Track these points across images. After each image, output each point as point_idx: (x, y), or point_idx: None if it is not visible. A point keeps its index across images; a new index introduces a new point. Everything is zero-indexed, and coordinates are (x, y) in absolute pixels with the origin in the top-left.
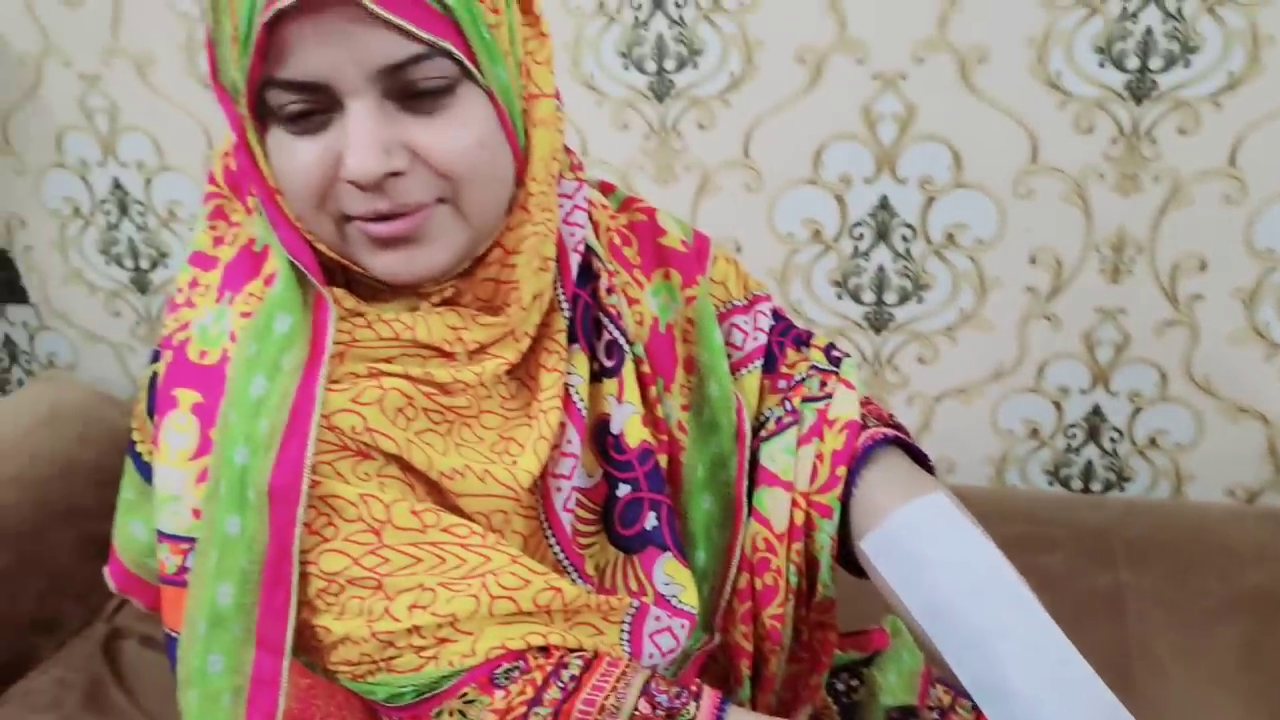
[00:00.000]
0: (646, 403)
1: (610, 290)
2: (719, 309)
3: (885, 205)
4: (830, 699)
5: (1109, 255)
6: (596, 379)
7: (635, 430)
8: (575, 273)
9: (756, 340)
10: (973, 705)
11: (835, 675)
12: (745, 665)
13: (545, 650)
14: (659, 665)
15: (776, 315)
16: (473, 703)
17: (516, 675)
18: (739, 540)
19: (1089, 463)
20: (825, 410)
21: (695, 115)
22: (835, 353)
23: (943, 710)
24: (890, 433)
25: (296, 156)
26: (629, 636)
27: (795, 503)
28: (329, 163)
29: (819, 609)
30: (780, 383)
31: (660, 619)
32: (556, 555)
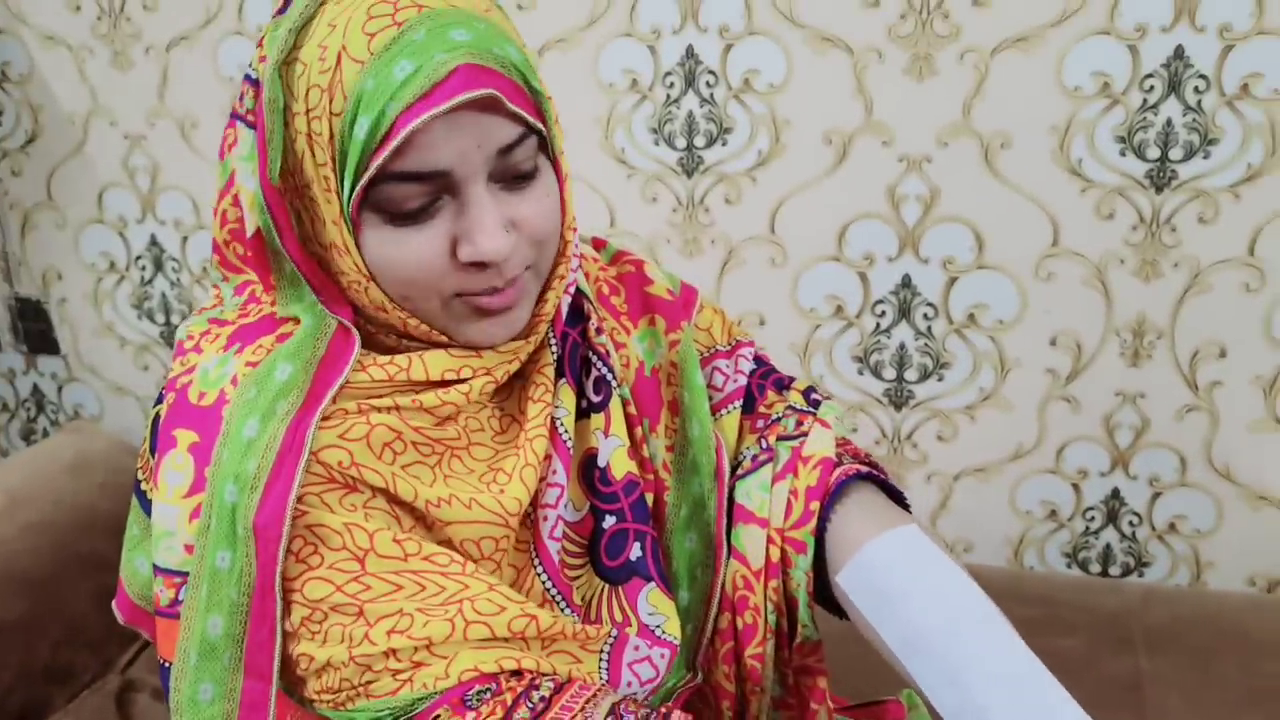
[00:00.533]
0: (633, 442)
1: (599, 330)
2: (703, 353)
3: (908, 284)
4: None
5: (1129, 339)
6: (584, 415)
7: (621, 462)
8: (565, 313)
9: (737, 382)
10: None
11: None
12: (728, 707)
13: (518, 674)
14: (638, 695)
15: (758, 360)
16: None
17: (488, 697)
18: (720, 579)
19: (1107, 546)
20: (800, 448)
21: (723, 190)
22: (815, 395)
23: None
24: (864, 469)
25: (413, 246)
26: (607, 665)
27: (770, 539)
28: (446, 247)
29: (801, 651)
30: (758, 422)
31: (640, 649)
32: (545, 584)
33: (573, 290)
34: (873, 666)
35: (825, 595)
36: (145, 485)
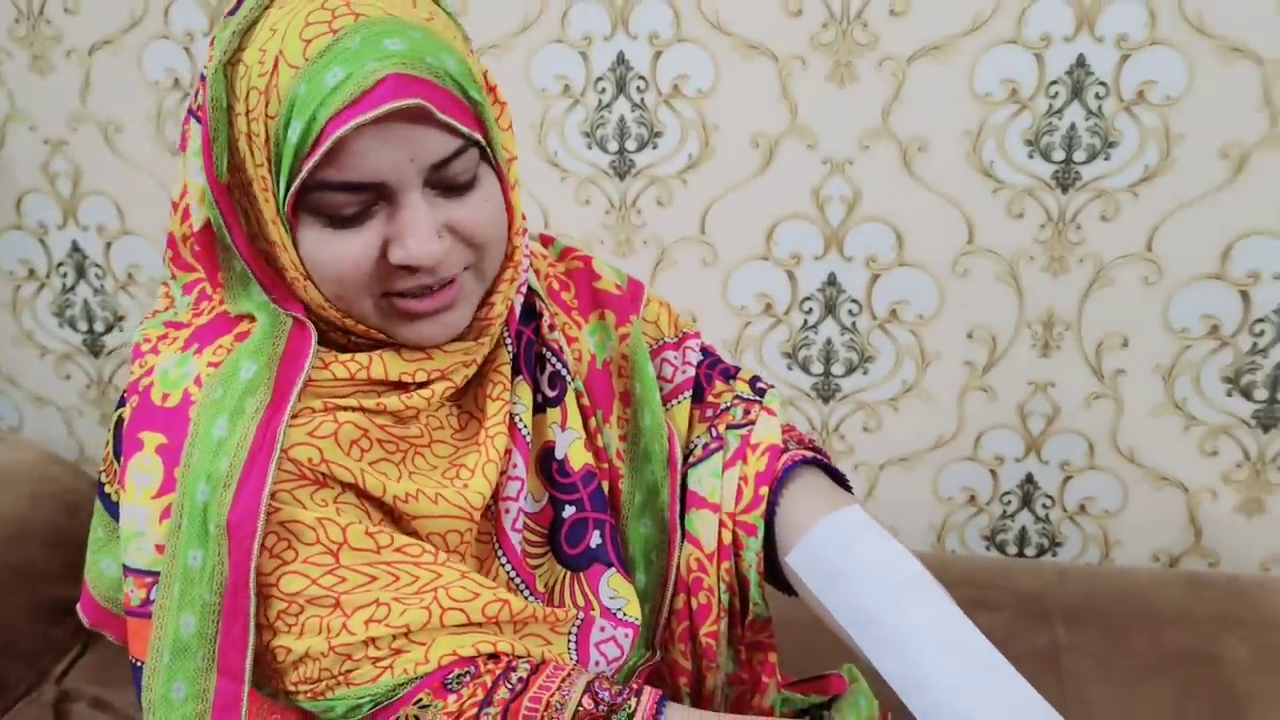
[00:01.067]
0: (587, 433)
1: (552, 327)
2: (651, 345)
3: (833, 281)
4: None
5: (1040, 331)
6: (540, 409)
7: (579, 454)
8: (519, 312)
9: (686, 373)
10: None
11: None
12: (685, 683)
13: (495, 657)
14: (605, 673)
15: (705, 351)
16: (427, 707)
17: (468, 679)
18: (674, 562)
19: (1023, 528)
20: (748, 435)
21: (655, 193)
22: (760, 384)
23: None
24: (809, 454)
25: (345, 249)
26: (575, 645)
27: (723, 523)
28: (379, 251)
29: (753, 628)
30: (707, 411)
31: (605, 629)
32: (508, 573)
33: (524, 290)
34: (813, 646)
35: (775, 575)
36: (110, 489)
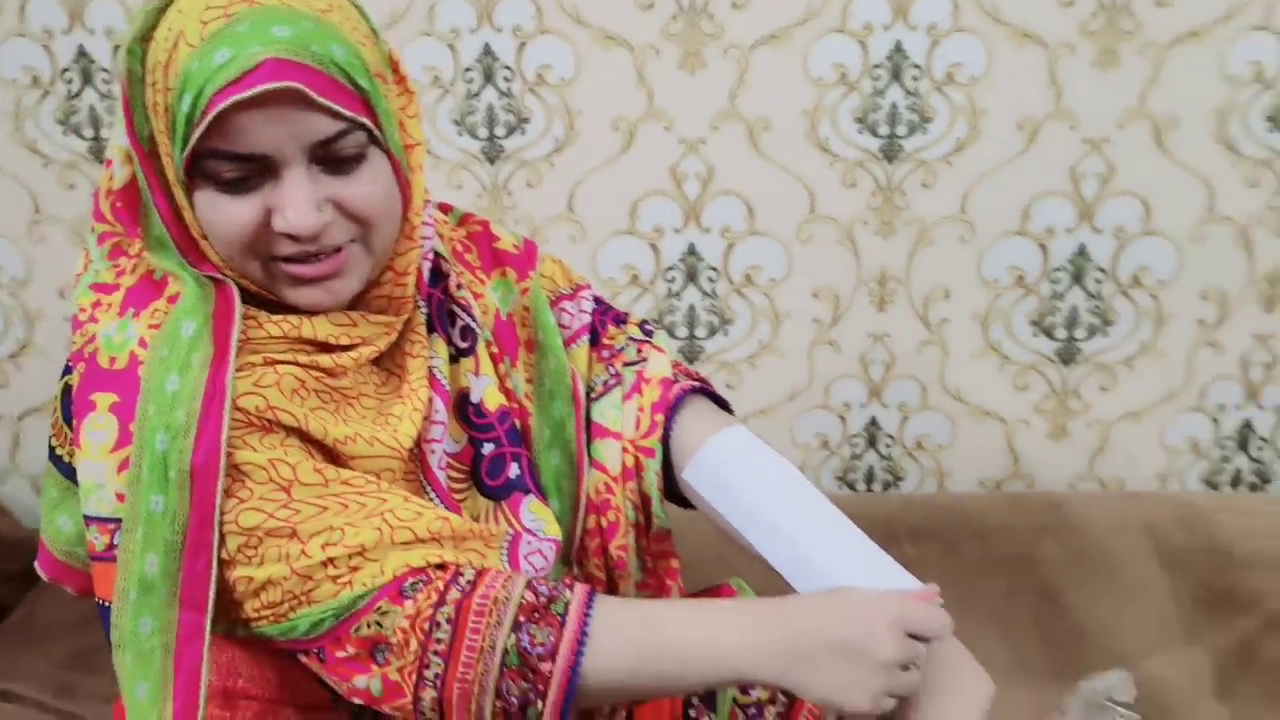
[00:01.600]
0: (498, 377)
1: (460, 286)
2: (550, 297)
3: (693, 251)
4: None
5: (875, 289)
6: (454, 360)
7: (493, 396)
8: (428, 275)
9: (581, 320)
10: None
11: None
12: (600, 591)
13: (442, 566)
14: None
15: (597, 300)
16: (387, 614)
17: (421, 586)
18: (584, 487)
19: (870, 467)
20: (642, 370)
21: (524, 176)
22: (648, 326)
23: None
24: (696, 384)
25: (231, 212)
26: (507, 558)
27: (625, 449)
28: (262, 217)
29: (657, 539)
30: (604, 353)
31: (531, 543)
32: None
33: (431, 255)
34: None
35: (673, 491)
36: (61, 451)
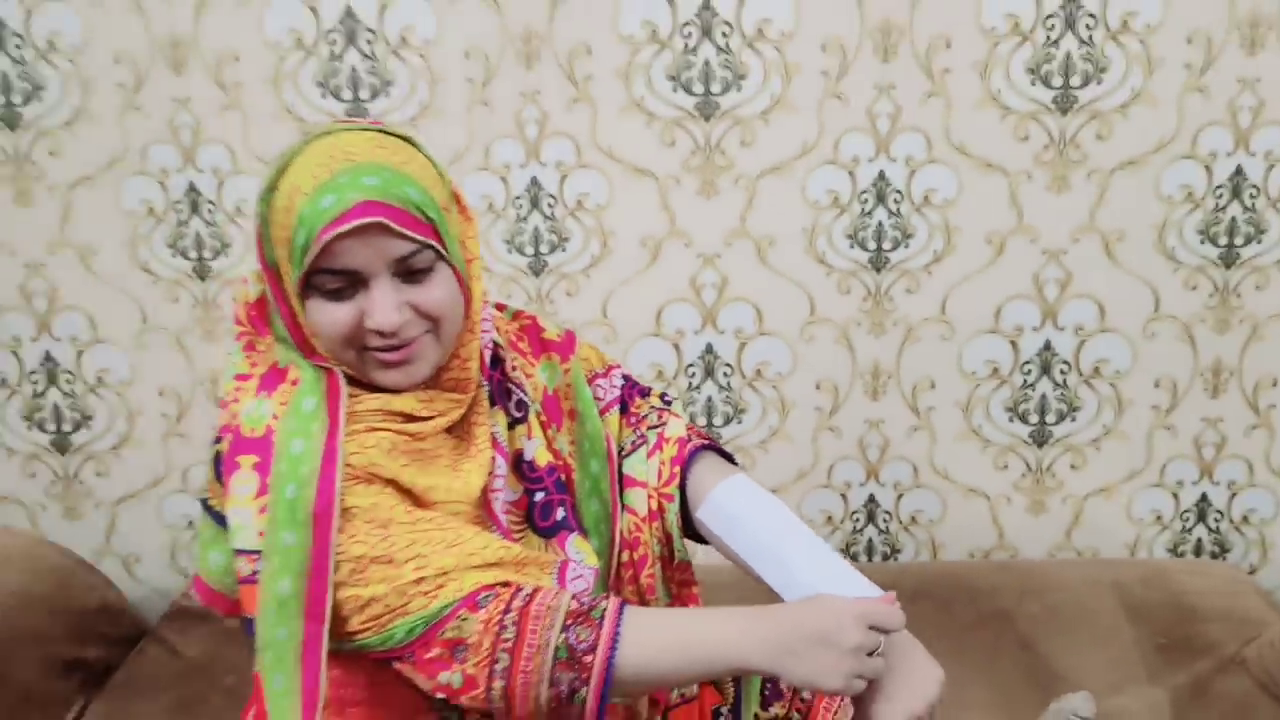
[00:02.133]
0: (546, 440)
1: (514, 368)
2: (587, 375)
3: (710, 350)
4: None
5: (869, 381)
6: (512, 426)
7: (543, 455)
8: (489, 361)
9: (613, 393)
10: None
11: None
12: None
13: (507, 584)
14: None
15: (625, 378)
16: (465, 620)
17: (491, 599)
18: (618, 528)
19: (870, 540)
20: (663, 432)
21: (565, 286)
22: (667, 397)
23: None
24: (706, 442)
25: (334, 314)
26: (557, 579)
27: (650, 496)
28: (357, 318)
29: (679, 569)
30: (632, 419)
31: (575, 569)
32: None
33: (491, 346)
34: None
35: (690, 530)
36: (214, 502)
